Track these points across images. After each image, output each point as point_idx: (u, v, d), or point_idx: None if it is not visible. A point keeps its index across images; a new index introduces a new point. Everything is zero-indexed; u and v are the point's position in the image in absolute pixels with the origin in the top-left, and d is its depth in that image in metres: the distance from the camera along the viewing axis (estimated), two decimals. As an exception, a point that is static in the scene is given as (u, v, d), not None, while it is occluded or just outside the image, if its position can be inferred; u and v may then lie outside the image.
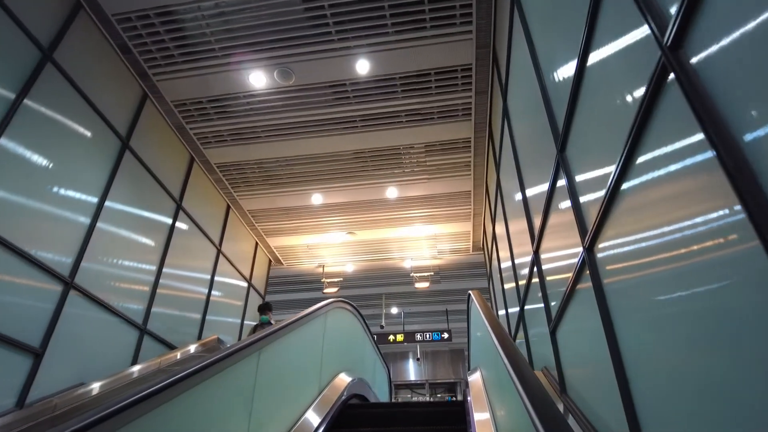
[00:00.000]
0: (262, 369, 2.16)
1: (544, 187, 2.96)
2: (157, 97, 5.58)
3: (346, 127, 5.99)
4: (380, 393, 6.34)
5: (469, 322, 5.34)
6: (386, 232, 8.60)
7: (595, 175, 1.97)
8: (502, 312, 6.66)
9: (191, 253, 6.47)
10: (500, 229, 5.83)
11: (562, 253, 2.66)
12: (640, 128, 1.46)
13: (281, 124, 5.99)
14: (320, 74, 5.19)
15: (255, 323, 6.13)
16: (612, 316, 1.90)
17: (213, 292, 6.90)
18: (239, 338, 7.76)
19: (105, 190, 4.66)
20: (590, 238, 2.02)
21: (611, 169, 1.74)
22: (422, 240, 8.89)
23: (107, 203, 4.66)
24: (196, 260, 6.58)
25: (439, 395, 17.06)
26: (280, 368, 2.47)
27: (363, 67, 5.05)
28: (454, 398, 16.73)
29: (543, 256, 3.21)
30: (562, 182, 2.49)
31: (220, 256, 7.24)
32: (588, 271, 2.09)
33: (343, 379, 3.81)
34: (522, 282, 4.32)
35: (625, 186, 1.65)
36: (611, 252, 1.85)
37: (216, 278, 7.03)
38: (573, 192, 2.27)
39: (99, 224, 4.50)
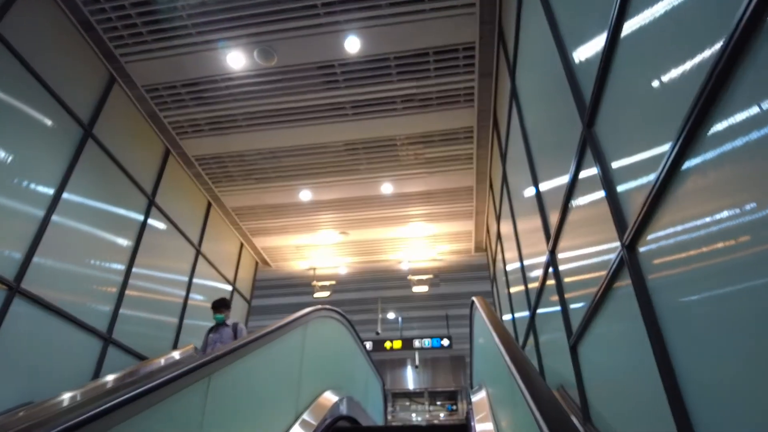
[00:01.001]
0: (215, 398, 1.75)
1: (564, 177, 2.55)
2: (126, 80, 5.16)
3: (335, 114, 5.58)
4: (374, 409, 5.92)
5: (472, 332, 4.92)
6: (381, 232, 8.19)
7: (640, 156, 1.57)
8: (507, 317, 6.27)
9: (166, 253, 6.05)
10: (506, 227, 5.43)
11: (588, 251, 2.25)
12: (720, 81, 1.06)
13: (264, 111, 5.57)
14: (305, 54, 4.78)
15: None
16: (662, 327, 1.49)
17: (191, 296, 6.48)
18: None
19: (62, 180, 4.23)
20: (632, 233, 1.61)
21: (665, 145, 1.34)
22: (420, 240, 8.48)
23: (65, 195, 4.24)
24: (171, 261, 6.15)
25: (439, 403, 16.69)
26: (241, 394, 2.06)
27: (353, 45, 4.64)
28: (454, 407, 16.36)
29: (561, 256, 2.80)
30: (591, 170, 2.07)
31: (200, 257, 6.82)
32: (628, 273, 1.68)
33: (329, 398, 3.40)
34: (533, 285, 3.91)
35: (688, 164, 1.24)
36: (663, 248, 1.44)
37: (194, 281, 6.60)
38: (607, 178, 1.86)
39: (54, 218, 4.08)
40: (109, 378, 4.13)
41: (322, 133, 5.87)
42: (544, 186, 3.17)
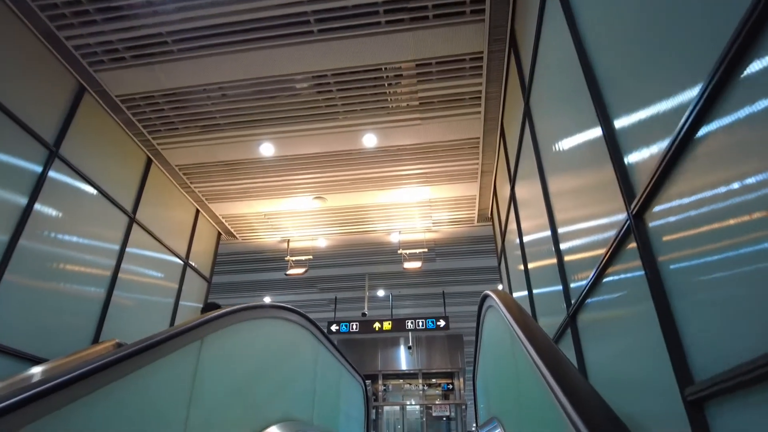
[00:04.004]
0: None
1: (689, 89, 1.27)
2: (-1, -21, 3.74)
3: (296, 32, 4.18)
4: (350, 422, 4.77)
5: (480, 339, 3.70)
6: (365, 197, 6.88)
7: None
8: (518, 294, 5.07)
9: (81, 220, 4.74)
10: (526, 189, 4.15)
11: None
12: None
13: (198, 28, 4.17)
14: (243, -70, 3.36)
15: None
16: None
17: (122, 276, 5.21)
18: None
19: None
20: None
21: None
22: (413, 207, 7.19)
23: None
24: (90, 230, 4.85)
25: (434, 380, 15.89)
26: None
27: None
28: (450, 385, 15.59)
29: (665, 219, 1.52)
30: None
31: (135, 226, 5.51)
32: None
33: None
34: (572, 258, 2.66)
35: None
36: None
37: (127, 256, 5.32)
38: None
39: None
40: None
41: (281, 60, 4.48)
42: (624, 119, 1.86)
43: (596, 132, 2.13)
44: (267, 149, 5.74)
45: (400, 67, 4.57)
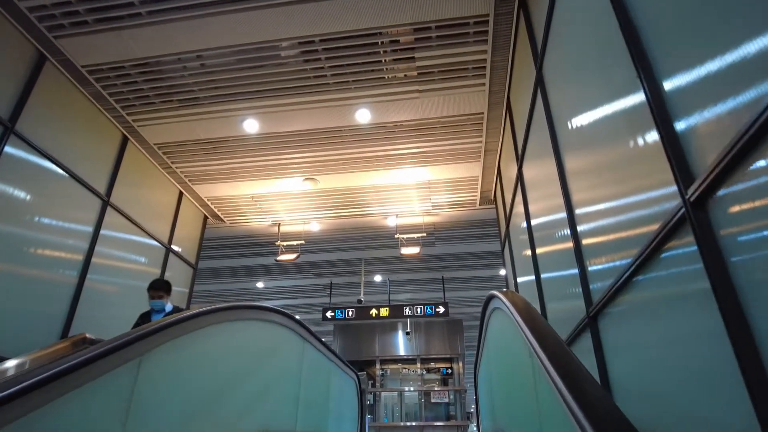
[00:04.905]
0: None
1: None
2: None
3: (278, -9, 3.72)
4: (341, 421, 4.45)
5: (484, 341, 3.33)
6: (360, 178, 6.46)
7: None
8: (523, 279, 4.74)
9: (46, 201, 4.34)
10: (537, 168, 3.75)
11: None
12: None
13: (166, -16, 3.70)
14: None
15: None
16: None
17: (95, 261, 4.83)
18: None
19: None
20: None
21: None
22: (411, 189, 6.78)
23: None
24: (56, 212, 4.45)
25: (432, 365, 15.71)
26: None
27: None
28: (449, 370, 15.43)
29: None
30: None
31: (109, 209, 5.11)
32: None
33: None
34: (591, 241, 2.27)
35: None
36: None
37: (101, 242, 4.93)
38: None
39: None
40: None
41: (262, 24, 4.01)
42: (681, 78, 1.45)
43: (636, 97, 1.73)
44: (251, 126, 5.29)
45: (396, 32, 4.11)
